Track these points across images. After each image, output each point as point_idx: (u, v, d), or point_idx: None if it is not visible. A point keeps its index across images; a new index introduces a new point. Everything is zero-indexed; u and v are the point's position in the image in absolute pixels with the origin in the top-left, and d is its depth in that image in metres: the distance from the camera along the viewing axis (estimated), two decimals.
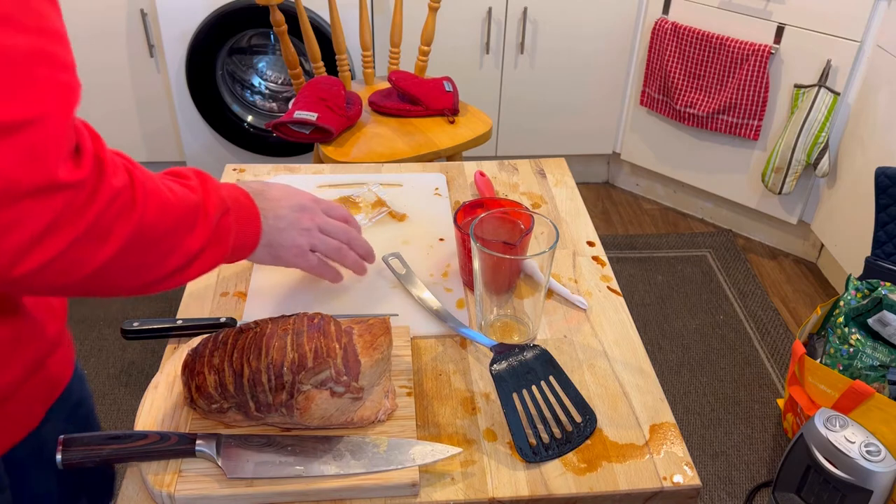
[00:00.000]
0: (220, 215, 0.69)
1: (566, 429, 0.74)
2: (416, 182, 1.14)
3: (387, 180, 1.14)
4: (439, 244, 1.01)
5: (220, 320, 0.85)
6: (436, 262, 0.98)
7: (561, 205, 1.11)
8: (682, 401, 1.95)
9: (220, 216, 0.68)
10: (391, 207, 1.08)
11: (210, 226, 0.67)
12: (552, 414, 0.75)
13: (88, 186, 0.53)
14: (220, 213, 0.69)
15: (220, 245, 0.68)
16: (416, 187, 1.13)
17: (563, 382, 0.77)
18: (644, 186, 2.82)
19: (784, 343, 2.13)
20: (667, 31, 2.35)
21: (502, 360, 0.77)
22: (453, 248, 1.01)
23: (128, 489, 0.69)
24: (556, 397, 0.76)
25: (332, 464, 0.68)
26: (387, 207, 1.08)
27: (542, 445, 0.73)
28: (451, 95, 1.90)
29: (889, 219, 1.77)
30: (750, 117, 2.31)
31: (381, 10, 2.42)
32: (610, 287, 0.95)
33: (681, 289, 2.33)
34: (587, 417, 0.75)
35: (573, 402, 0.76)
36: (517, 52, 2.51)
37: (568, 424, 0.75)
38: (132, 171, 0.59)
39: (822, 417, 1.49)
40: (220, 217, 0.68)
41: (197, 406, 0.72)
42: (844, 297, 1.70)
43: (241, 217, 0.73)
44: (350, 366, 0.70)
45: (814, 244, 2.46)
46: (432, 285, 0.94)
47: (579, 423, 0.75)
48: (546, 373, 0.77)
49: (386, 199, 1.10)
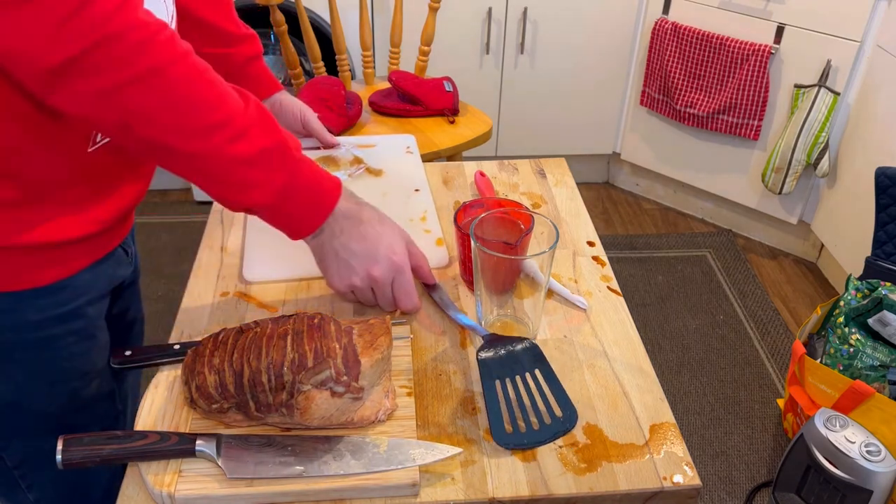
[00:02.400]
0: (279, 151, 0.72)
1: (545, 420, 0.74)
2: (388, 142, 1.22)
3: (361, 142, 1.21)
4: (415, 194, 1.08)
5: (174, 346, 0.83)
6: (414, 209, 1.05)
7: (561, 205, 1.11)
8: (682, 401, 1.95)
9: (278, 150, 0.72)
10: (368, 164, 1.15)
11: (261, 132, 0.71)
12: (532, 403, 0.75)
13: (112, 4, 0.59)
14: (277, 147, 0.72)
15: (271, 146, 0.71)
16: (388, 147, 1.20)
17: (548, 377, 0.77)
18: (644, 186, 2.82)
19: (784, 343, 2.13)
20: (667, 31, 2.35)
21: (490, 348, 0.78)
22: (429, 197, 1.07)
23: (128, 489, 0.69)
24: (538, 389, 0.76)
25: (332, 464, 0.68)
26: (364, 164, 1.14)
27: (517, 433, 0.73)
28: (451, 95, 1.90)
29: (889, 219, 1.77)
30: (750, 117, 2.31)
31: (381, 10, 2.42)
32: (610, 287, 0.95)
33: (681, 289, 2.33)
34: (567, 413, 0.75)
35: (556, 397, 0.76)
36: (517, 52, 2.51)
37: (547, 417, 0.75)
38: (171, 39, 0.64)
39: (822, 417, 1.49)
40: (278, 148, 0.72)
41: (197, 406, 0.72)
42: (844, 297, 1.70)
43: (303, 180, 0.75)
44: (350, 366, 0.70)
45: (814, 244, 2.46)
46: (411, 227, 0.99)
47: (559, 417, 0.75)
48: (533, 366, 0.78)
49: (362, 157, 1.16)
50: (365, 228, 0.79)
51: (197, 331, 0.86)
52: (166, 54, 0.63)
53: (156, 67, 0.62)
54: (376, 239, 0.79)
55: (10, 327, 0.78)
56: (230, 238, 1.01)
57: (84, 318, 0.84)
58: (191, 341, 0.82)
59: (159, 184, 2.75)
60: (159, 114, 0.64)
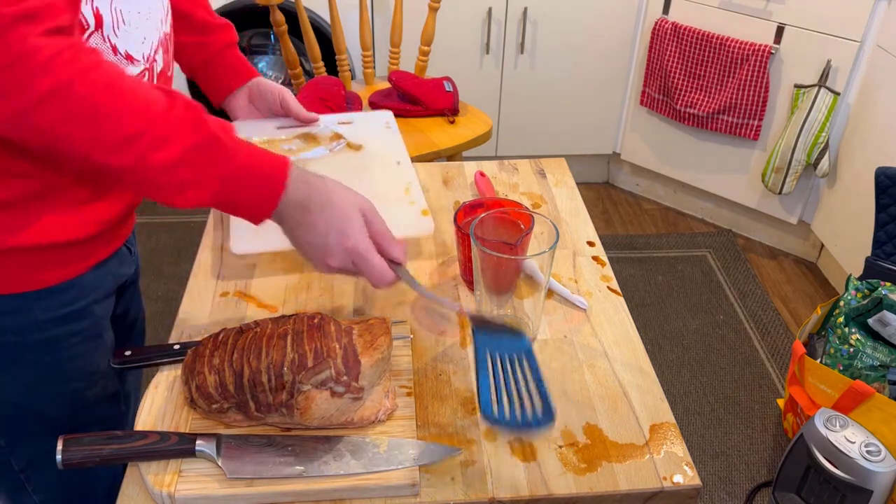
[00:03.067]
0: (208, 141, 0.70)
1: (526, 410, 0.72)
2: (367, 118, 1.22)
3: (340, 119, 1.21)
4: (397, 167, 1.08)
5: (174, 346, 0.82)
6: (396, 182, 1.04)
7: (561, 205, 1.11)
8: (682, 401, 1.95)
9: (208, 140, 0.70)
10: (348, 139, 1.14)
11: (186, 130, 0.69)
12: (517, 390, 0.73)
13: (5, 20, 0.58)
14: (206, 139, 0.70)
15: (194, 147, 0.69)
16: (367, 122, 1.21)
17: (535, 371, 0.75)
18: (644, 186, 2.82)
19: (784, 343, 2.13)
20: (667, 31, 2.35)
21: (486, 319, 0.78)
22: (410, 169, 1.07)
23: (128, 489, 0.69)
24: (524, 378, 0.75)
25: (332, 464, 0.68)
26: (344, 139, 1.14)
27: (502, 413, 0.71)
28: (451, 95, 1.90)
29: (889, 219, 1.77)
30: (750, 117, 2.31)
31: (381, 10, 2.42)
32: (610, 287, 0.95)
33: (681, 289, 2.33)
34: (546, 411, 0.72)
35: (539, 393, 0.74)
36: (517, 52, 2.51)
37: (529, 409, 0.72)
38: (74, 58, 0.63)
39: (822, 417, 1.49)
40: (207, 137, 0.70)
41: (197, 406, 0.72)
42: (844, 297, 1.70)
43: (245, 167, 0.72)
44: (350, 366, 0.70)
45: (814, 244, 2.46)
46: (396, 203, 0.99)
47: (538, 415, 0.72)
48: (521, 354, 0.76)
49: (342, 133, 1.16)
50: (312, 218, 0.74)
51: (197, 331, 0.86)
52: (67, 73, 0.62)
53: (57, 88, 0.61)
54: (325, 228, 0.74)
55: (19, 328, 0.78)
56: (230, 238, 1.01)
57: (90, 318, 0.84)
58: (191, 341, 0.82)
59: None
60: (73, 132, 0.63)
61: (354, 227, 0.75)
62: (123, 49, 0.77)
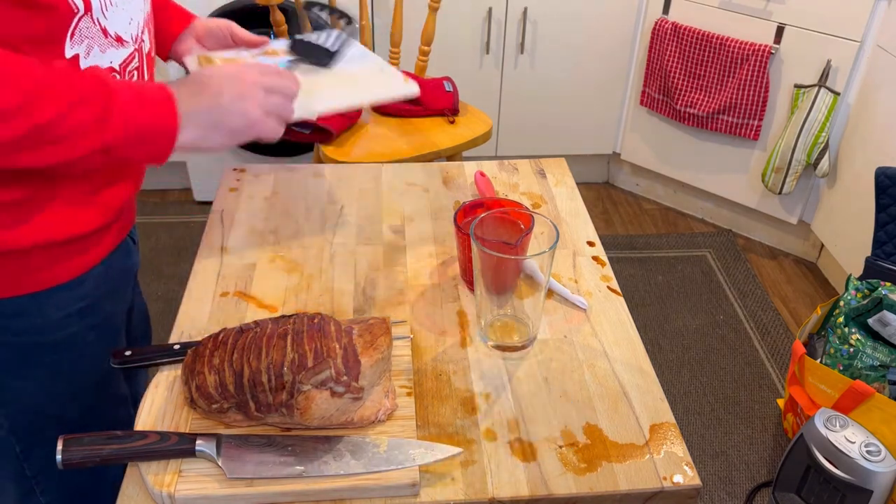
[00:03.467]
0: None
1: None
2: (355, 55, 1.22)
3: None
4: (362, 59, 1.07)
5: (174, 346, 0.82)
6: (370, 65, 1.05)
7: (561, 205, 1.11)
8: (682, 401, 1.95)
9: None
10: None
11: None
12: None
13: None
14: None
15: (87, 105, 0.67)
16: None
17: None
18: (644, 186, 2.82)
19: (784, 343, 2.13)
20: (667, 31, 2.35)
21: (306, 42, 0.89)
22: (377, 58, 1.06)
23: (128, 489, 0.69)
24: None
25: (332, 464, 0.68)
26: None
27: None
28: (451, 95, 1.90)
29: (889, 219, 1.77)
30: (750, 117, 2.31)
31: (381, 10, 2.42)
32: (610, 287, 0.95)
33: (681, 289, 2.33)
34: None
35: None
36: (517, 52, 2.51)
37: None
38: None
39: (822, 417, 1.49)
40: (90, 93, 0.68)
41: (197, 406, 0.72)
42: (844, 297, 1.70)
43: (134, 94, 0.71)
44: (350, 366, 0.70)
45: (814, 244, 2.46)
46: (373, 77, 1.00)
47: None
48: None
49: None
50: (206, 88, 0.76)
51: (197, 331, 0.86)
52: None
53: None
54: (218, 83, 0.77)
55: (34, 329, 0.79)
56: (230, 238, 1.01)
57: (103, 313, 0.85)
58: (191, 341, 0.82)
59: (159, 184, 2.75)
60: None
61: (242, 67, 0.80)
62: (113, 31, 0.76)
